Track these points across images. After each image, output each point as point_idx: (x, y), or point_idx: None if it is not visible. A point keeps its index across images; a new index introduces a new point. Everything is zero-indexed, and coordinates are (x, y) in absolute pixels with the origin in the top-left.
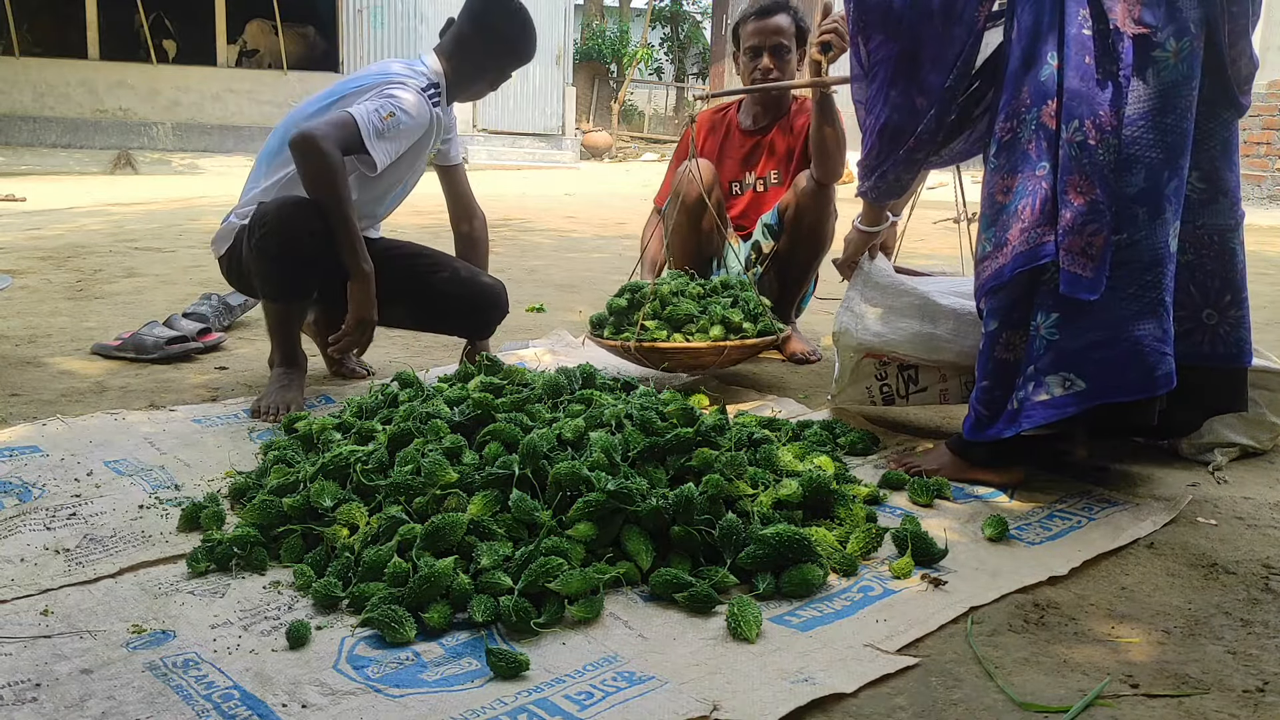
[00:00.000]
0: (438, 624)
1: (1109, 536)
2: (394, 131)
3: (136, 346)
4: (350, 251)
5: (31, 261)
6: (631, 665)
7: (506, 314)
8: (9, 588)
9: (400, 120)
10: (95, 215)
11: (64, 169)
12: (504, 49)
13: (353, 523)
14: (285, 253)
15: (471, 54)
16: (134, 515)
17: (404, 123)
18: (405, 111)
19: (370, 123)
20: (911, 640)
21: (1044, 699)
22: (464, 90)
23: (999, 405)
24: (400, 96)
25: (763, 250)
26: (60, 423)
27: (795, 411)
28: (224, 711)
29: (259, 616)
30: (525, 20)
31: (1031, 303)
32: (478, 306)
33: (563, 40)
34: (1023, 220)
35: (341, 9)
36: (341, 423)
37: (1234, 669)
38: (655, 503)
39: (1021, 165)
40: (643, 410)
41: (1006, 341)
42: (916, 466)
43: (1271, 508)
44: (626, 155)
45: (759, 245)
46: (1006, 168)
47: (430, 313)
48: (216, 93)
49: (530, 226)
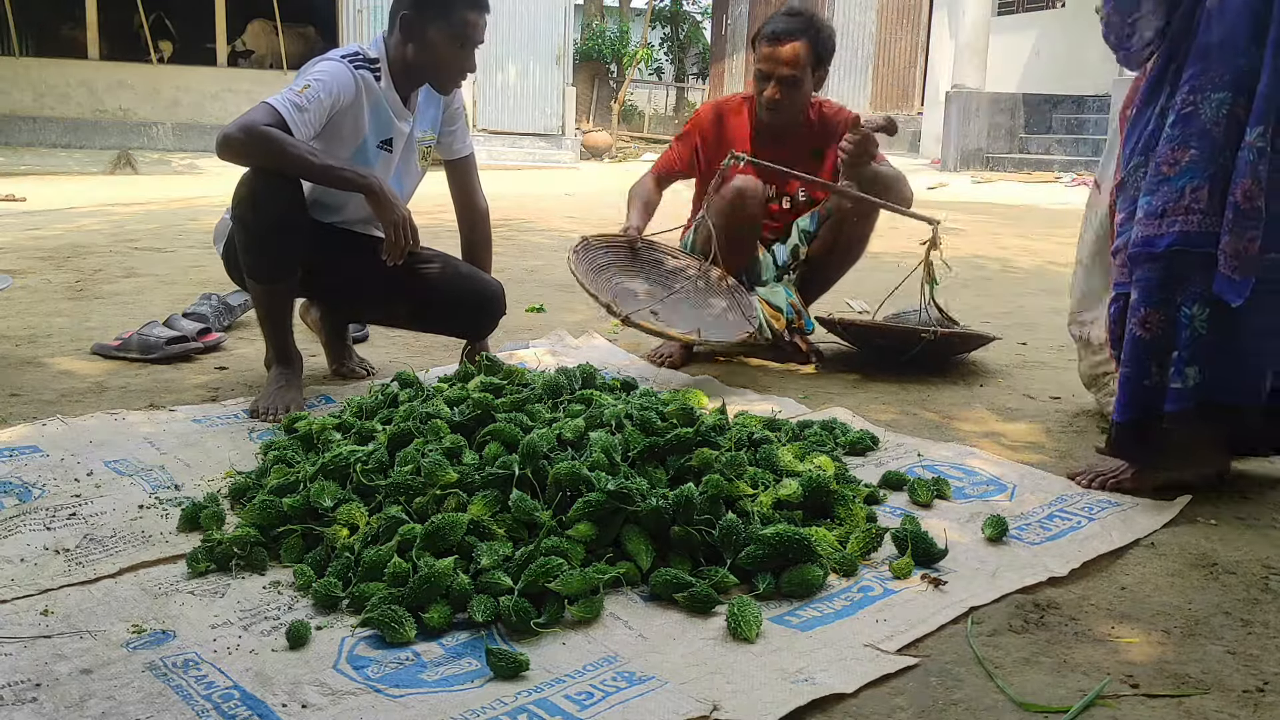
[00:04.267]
0: (438, 624)
1: (1109, 536)
2: (312, 101)
3: (137, 346)
4: (340, 180)
5: (31, 261)
6: (631, 665)
7: (504, 314)
8: (9, 588)
9: (316, 90)
10: (95, 215)
11: (64, 169)
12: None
13: (353, 523)
14: (262, 218)
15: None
16: (134, 515)
17: (319, 90)
18: (319, 80)
19: (286, 101)
20: (911, 640)
21: (1044, 699)
22: (426, 63)
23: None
24: (316, 68)
25: (799, 256)
26: (60, 423)
27: (795, 411)
28: (224, 711)
29: (259, 616)
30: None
31: (1181, 287)
32: (475, 306)
33: (563, 40)
34: (1186, 200)
35: (341, 9)
36: (341, 423)
37: (1234, 669)
38: (655, 503)
39: (1198, 144)
40: (643, 410)
41: (1144, 318)
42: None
43: (1271, 508)
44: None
45: (797, 250)
46: (1180, 139)
47: (427, 312)
48: (216, 93)
49: (530, 226)
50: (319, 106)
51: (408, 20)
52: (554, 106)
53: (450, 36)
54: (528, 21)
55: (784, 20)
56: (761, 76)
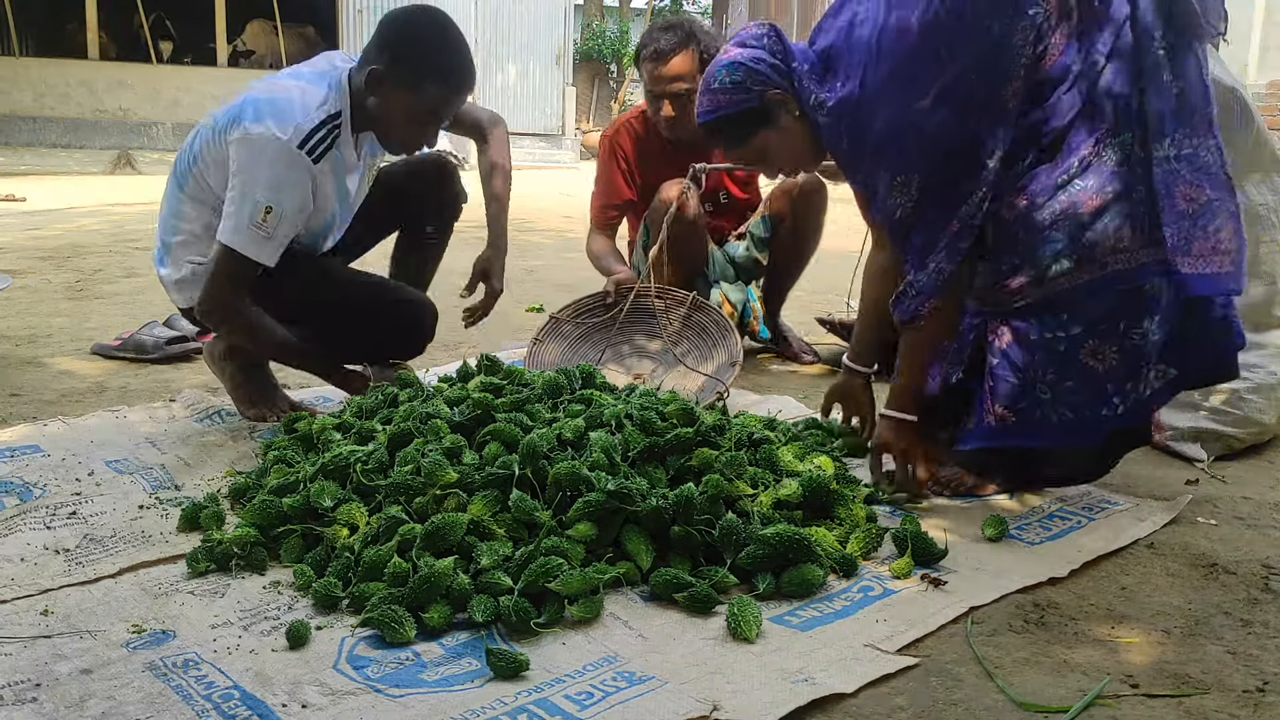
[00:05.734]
0: (438, 624)
1: (1109, 536)
2: (278, 225)
3: (136, 346)
4: (306, 367)
5: (31, 261)
6: (631, 665)
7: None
8: (9, 588)
9: (279, 211)
10: (95, 215)
11: (64, 169)
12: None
13: (353, 523)
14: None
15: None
16: (134, 515)
17: (283, 209)
18: (275, 191)
19: (250, 237)
20: (911, 640)
21: (1044, 699)
22: (381, 122)
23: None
24: (259, 179)
25: (760, 263)
26: (61, 423)
27: (795, 412)
28: (224, 711)
29: (259, 616)
30: (445, 36)
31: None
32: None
33: (563, 40)
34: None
35: (341, 9)
36: (341, 423)
37: (1234, 669)
38: (655, 503)
39: (1109, 186)
40: (643, 410)
41: (1094, 349)
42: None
43: (1271, 508)
44: None
45: (758, 261)
46: (1094, 188)
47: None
48: (217, 93)
49: (530, 226)
50: (287, 225)
51: (376, 75)
52: (554, 106)
53: (415, 109)
54: (528, 21)
55: (663, 35)
56: (654, 97)
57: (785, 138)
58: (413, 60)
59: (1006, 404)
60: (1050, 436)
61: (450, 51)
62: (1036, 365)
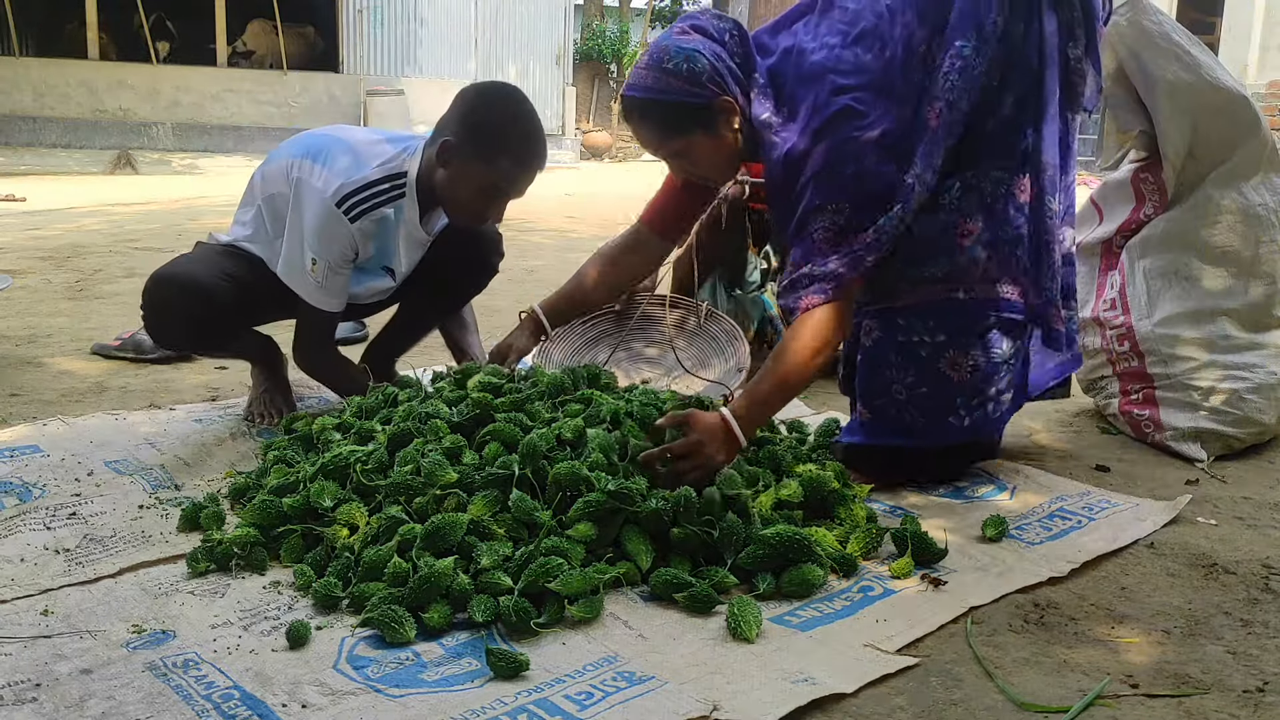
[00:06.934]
0: (438, 624)
1: (1109, 536)
2: (329, 278)
3: (136, 346)
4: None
5: (31, 261)
6: (631, 665)
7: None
8: (9, 588)
9: (323, 261)
10: (95, 215)
11: (64, 169)
12: (491, 145)
13: (353, 523)
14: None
15: (454, 144)
16: (134, 515)
17: (324, 255)
18: (316, 241)
19: (312, 291)
20: (911, 640)
21: (1044, 699)
22: (448, 196)
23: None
24: (303, 223)
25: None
26: (60, 423)
27: (795, 412)
28: (224, 711)
29: (259, 616)
30: (520, 112)
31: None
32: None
33: (563, 40)
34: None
35: (341, 9)
36: (341, 423)
37: (1234, 669)
38: (655, 503)
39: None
40: (643, 409)
41: (953, 360)
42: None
43: (1271, 508)
44: (627, 155)
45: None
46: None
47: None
48: (216, 93)
49: (530, 226)
50: (337, 276)
51: (448, 147)
52: (554, 106)
53: (485, 182)
54: (528, 21)
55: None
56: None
57: (715, 146)
58: (487, 132)
59: (865, 401)
60: (900, 436)
61: (524, 128)
62: (895, 365)
